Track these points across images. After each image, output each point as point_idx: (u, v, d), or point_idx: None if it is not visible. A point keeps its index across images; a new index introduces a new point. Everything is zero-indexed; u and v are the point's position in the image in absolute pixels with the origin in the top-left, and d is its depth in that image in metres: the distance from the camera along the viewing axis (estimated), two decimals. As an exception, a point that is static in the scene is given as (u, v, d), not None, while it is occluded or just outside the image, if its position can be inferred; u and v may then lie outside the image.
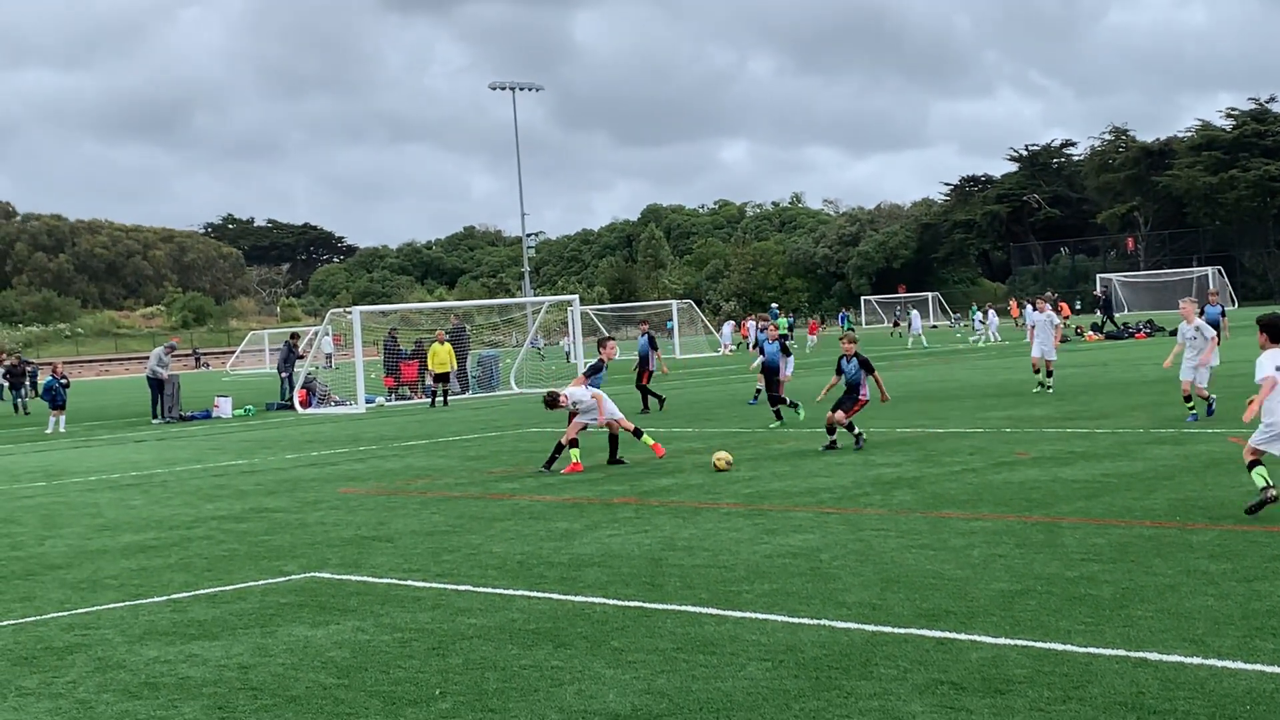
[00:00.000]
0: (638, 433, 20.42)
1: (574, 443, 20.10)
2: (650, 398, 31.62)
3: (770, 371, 26.15)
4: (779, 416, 25.39)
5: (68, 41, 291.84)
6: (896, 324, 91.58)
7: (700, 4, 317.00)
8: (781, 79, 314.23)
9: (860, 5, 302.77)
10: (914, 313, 75.36)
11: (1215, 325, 30.16)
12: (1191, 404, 21.94)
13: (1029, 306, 68.40)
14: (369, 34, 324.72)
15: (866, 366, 20.65)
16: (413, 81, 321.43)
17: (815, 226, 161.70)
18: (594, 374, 21.66)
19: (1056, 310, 35.19)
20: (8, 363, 54.04)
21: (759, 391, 31.13)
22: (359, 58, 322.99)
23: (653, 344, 32.17)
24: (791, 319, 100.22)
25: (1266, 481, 12.30)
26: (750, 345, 55.45)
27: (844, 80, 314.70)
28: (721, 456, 18.88)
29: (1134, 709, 7.02)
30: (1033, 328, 31.07)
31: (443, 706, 7.87)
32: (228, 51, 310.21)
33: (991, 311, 69.42)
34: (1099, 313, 67.27)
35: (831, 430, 20.44)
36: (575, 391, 20.38)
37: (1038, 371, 30.06)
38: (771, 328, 27.23)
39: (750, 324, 77.86)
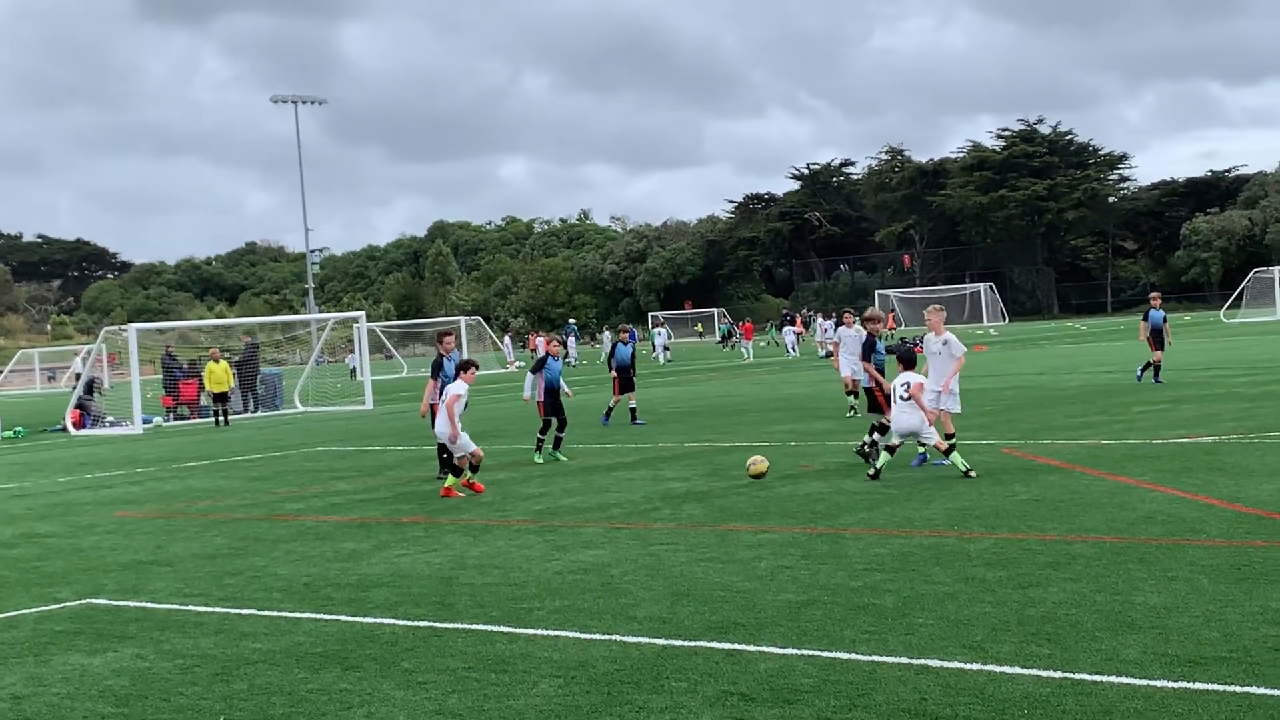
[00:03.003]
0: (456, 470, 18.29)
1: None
2: None
3: (553, 394, 22.80)
4: (555, 447, 22.42)
5: None
6: (726, 338, 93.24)
7: (469, 20, 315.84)
8: (557, 96, 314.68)
9: (629, 24, 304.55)
10: (662, 329, 76.82)
11: (1159, 330, 30.88)
12: None
13: (820, 320, 69.96)
14: (126, 45, 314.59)
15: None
16: (176, 93, 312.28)
17: (603, 243, 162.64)
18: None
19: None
20: None
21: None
22: (117, 69, 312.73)
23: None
24: (729, 324, 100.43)
25: None
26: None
27: (618, 98, 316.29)
28: (757, 464, 17.29)
29: (917, 715, 7.19)
30: (837, 344, 28.59)
31: (227, 734, 7.68)
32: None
33: (789, 328, 70.60)
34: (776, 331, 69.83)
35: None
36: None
37: (851, 393, 26.74)
38: (555, 343, 25.14)
39: (539, 339, 77.99)
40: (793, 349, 67.36)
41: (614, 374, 29.20)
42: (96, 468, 26.99)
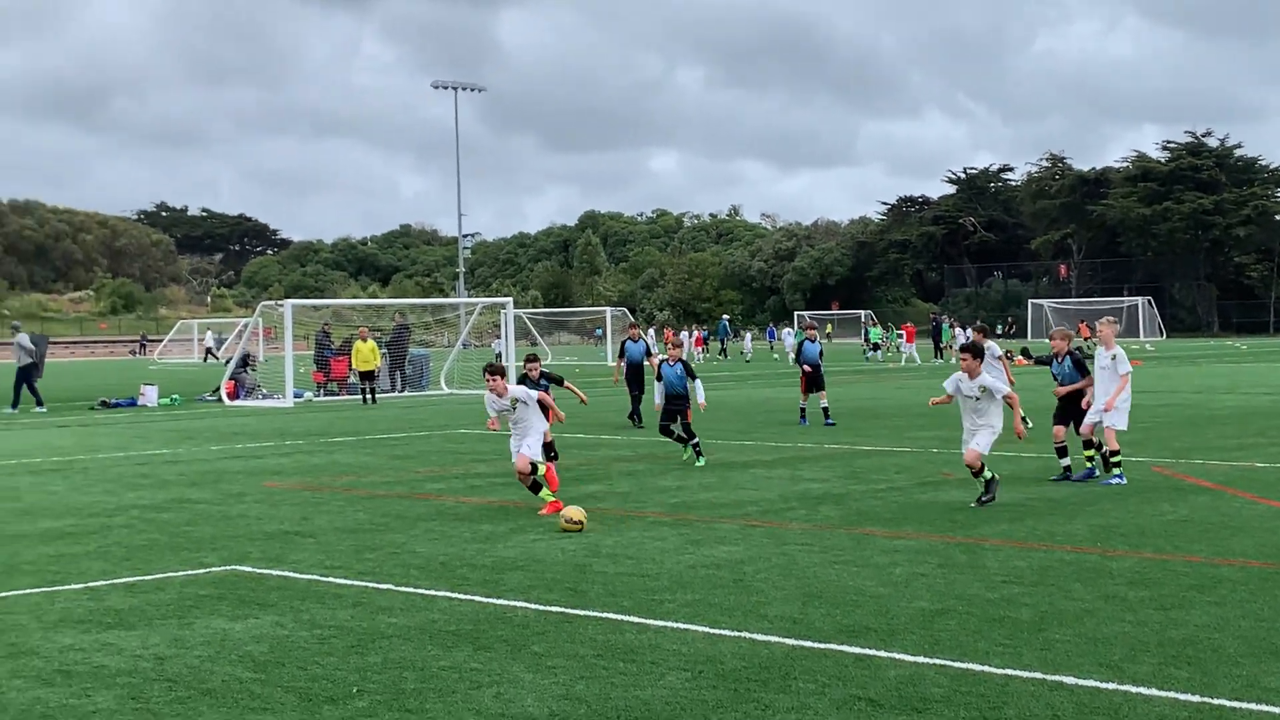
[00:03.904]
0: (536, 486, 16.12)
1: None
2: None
3: (675, 399, 21.77)
4: (698, 452, 20.91)
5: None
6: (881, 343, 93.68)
7: (626, 12, 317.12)
8: (710, 91, 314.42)
9: (786, 21, 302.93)
10: (747, 333, 77.04)
11: None
12: None
13: (957, 330, 69.03)
14: (290, 25, 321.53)
15: (1080, 368, 18.34)
16: (335, 76, 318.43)
17: (752, 240, 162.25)
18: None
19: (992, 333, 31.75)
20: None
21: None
22: (280, 49, 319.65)
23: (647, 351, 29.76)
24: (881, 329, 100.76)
25: None
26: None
27: (772, 95, 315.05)
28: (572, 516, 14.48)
29: (1048, 731, 7.08)
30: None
31: (359, 705, 7.82)
32: (146, 37, 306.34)
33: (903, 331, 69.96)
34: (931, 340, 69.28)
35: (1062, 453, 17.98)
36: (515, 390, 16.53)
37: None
38: (673, 349, 23.58)
39: (685, 335, 78.27)
40: (909, 356, 66.87)
41: (801, 372, 28.81)
42: (248, 438, 27.64)
